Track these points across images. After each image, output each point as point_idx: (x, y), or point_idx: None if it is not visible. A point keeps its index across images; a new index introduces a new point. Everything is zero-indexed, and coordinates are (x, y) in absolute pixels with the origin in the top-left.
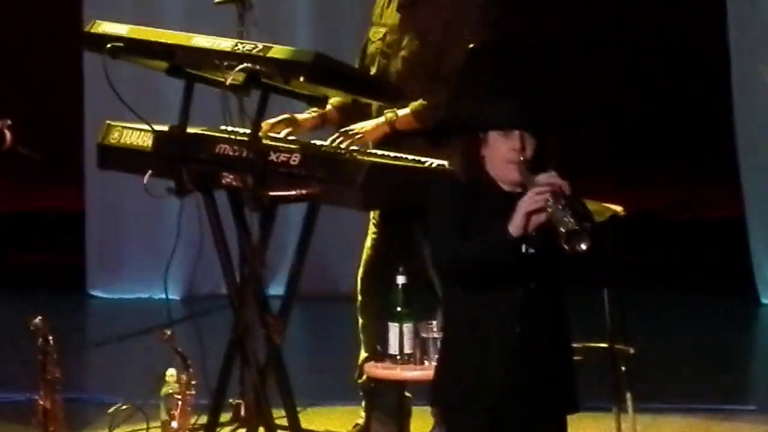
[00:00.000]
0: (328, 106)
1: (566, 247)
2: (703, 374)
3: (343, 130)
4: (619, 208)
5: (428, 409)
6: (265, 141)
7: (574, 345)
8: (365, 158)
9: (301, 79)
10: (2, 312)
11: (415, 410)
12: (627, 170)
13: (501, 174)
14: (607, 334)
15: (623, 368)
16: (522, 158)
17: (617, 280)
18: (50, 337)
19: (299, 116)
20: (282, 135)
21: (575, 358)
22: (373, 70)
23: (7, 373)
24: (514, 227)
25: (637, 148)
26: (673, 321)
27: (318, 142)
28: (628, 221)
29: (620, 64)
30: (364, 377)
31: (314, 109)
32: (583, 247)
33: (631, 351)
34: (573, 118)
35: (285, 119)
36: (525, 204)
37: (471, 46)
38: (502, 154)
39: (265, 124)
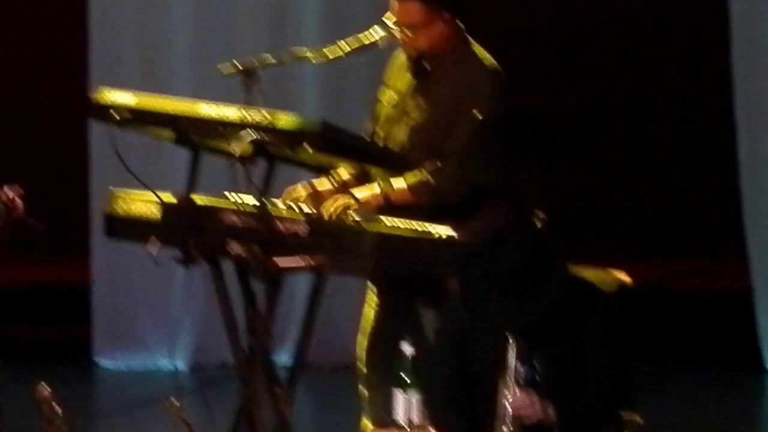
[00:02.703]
0: (347, 175)
1: None
2: None
3: (341, 196)
4: (627, 278)
5: None
6: (271, 210)
7: None
8: (373, 228)
9: (308, 148)
10: (9, 382)
11: None
12: (634, 239)
13: None
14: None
15: None
16: None
17: (624, 348)
18: (57, 407)
19: (319, 185)
20: (303, 204)
21: None
22: (380, 133)
23: None
24: None
25: (645, 214)
26: (680, 391)
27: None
28: (635, 291)
29: (627, 130)
30: None
31: (333, 176)
32: None
33: (638, 420)
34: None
35: (306, 187)
36: None
37: (481, 117)
38: None
39: (286, 193)
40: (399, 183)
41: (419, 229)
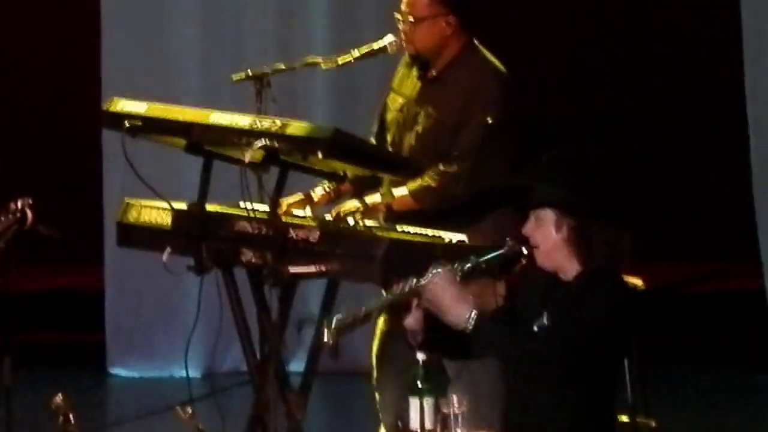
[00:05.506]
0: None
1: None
2: None
3: (341, 209)
4: (639, 282)
5: None
6: (284, 218)
7: None
8: (384, 234)
9: (320, 155)
10: (22, 390)
11: None
12: (646, 242)
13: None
14: (629, 407)
15: None
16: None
17: (638, 352)
18: (71, 416)
19: (314, 193)
20: (303, 214)
21: None
22: (388, 139)
23: None
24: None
25: (656, 218)
26: (695, 396)
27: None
28: (648, 294)
29: (640, 134)
30: None
31: (327, 183)
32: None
33: (653, 424)
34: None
35: (302, 199)
36: None
37: (489, 121)
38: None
39: (284, 204)
40: (400, 190)
41: (430, 234)
